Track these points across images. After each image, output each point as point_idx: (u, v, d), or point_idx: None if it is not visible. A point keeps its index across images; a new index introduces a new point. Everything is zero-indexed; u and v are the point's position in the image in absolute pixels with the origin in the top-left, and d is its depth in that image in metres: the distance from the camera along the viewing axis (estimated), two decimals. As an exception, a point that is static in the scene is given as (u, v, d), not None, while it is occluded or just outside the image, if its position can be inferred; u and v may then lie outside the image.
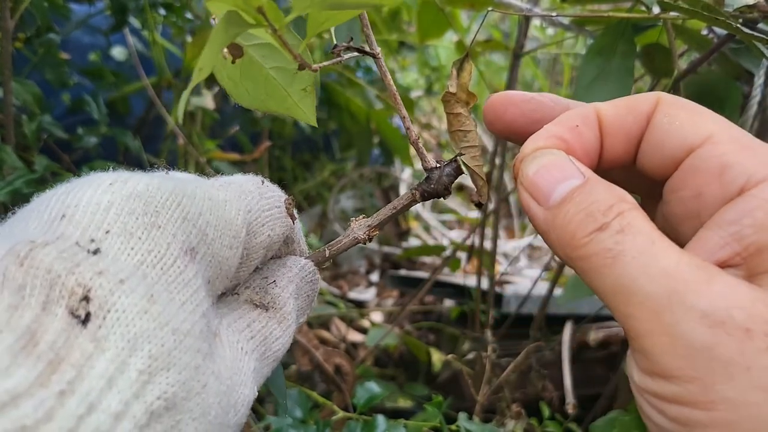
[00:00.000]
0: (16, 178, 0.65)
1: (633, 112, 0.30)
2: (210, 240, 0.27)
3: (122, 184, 0.25)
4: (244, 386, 0.28)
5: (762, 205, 0.26)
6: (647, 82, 0.95)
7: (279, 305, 0.32)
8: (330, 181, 1.56)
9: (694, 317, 0.23)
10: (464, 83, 0.35)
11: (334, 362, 0.74)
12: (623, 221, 0.26)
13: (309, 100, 0.36)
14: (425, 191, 0.34)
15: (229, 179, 0.31)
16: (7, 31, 0.63)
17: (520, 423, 0.70)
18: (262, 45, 0.34)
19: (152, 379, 0.22)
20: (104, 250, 0.23)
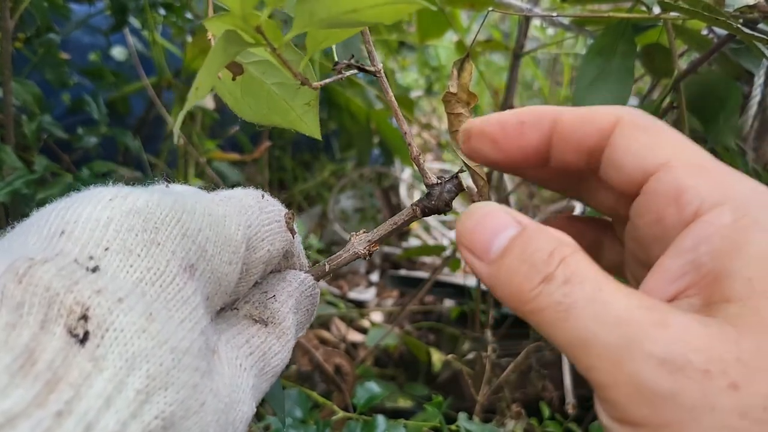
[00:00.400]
0: (15, 178, 0.65)
1: (588, 124, 0.30)
2: (209, 256, 0.27)
3: (122, 200, 0.25)
4: (243, 403, 0.28)
5: (717, 231, 0.26)
6: (647, 82, 0.95)
7: (278, 320, 0.32)
8: (330, 181, 1.56)
9: (653, 365, 0.23)
10: (465, 83, 0.35)
11: (334, 362, 0.74)
12: (567, 270, 0.26)
13: (312, 114, 0.37)
14: (426, 207, 0.35)
15: (229, 194, 0.31)
16: (7, 31, 0.63)
17: (520, 423, 0.70)
18: (261, 62, 0.35)
19: (150, 399, 0.22)
20: (103, 267, 0.23)
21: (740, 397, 0.22)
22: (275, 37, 0.28)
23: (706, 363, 0.23)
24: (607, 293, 0.25)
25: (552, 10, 0.88)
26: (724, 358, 0.23)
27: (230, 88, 0.35)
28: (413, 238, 1.59)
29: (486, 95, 1.81)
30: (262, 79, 0.35)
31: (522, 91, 2.40)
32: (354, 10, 0.26)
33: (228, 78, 0.34)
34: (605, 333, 0.24)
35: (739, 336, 0.23)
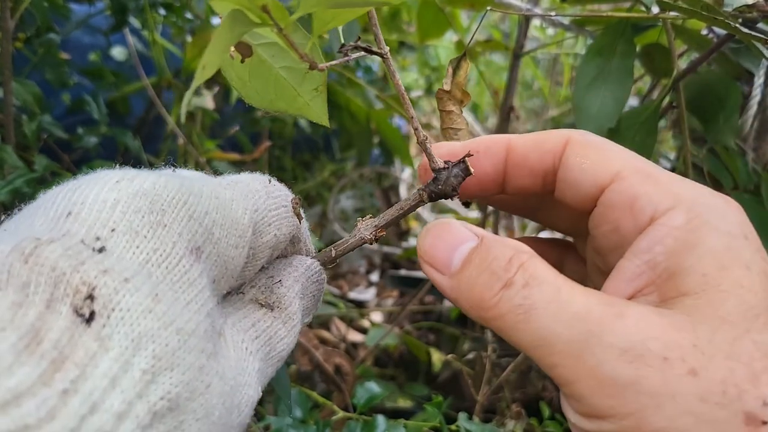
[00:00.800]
0: (16, 177, 0.65)
1: (539, 148, 0.32)
2: (216, 239, 0.27)
3: (129, 182, 0.25)
4: (248, 387, 0.28)
5: (670, 232, 0.27)
6: (647, 82, 0.95)
7: (284, 305, 0.32)
8: (330, 181, 1.56)
9: (613, 355, 0.24)
10: (460, 82, 0.35)
11: (334, 362, 0.74)
12: (526, 274, 0.27)
13: (320, 99, 0.36)
14: (433, 192, 0.34)
15: (235, 178, 0.31)
16: (7, 31, 0.63)
17: (520, 423, 0.70)
18: (270, 44, 0.34)
19: (156, 379, 0.22)
20: (109, 248, 0.23)
21: (699, 382, 0.23)
22: (282, 17, 0.27)
23: (664, 350, 0.24)
24: (565, 293, 0.26)
25: (552, 10, 0.88)
26: (682, 345, 0.24)
27: (238, 72, 0.35)
28: (413, 238, 1.59)
29: (486, 95, 1.81)
30: (271, 63, 0.35)
31: (522, 91, 2.40)
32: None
33: (237, 60, 0.33)
34: (565, 330, 0.25)
35: (695, 324, 0.24)
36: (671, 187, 0.28)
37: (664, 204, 0.28)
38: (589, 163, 0.30)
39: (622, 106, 0.58)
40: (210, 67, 0.27)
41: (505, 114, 0.85)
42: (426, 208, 1.75)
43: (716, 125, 0.61)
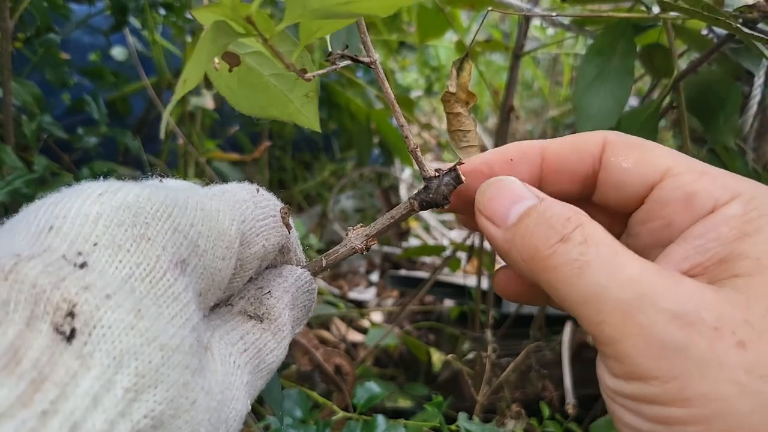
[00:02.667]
0: (15, 177, 0.64)
1: (577, 152, 0.32)
2: (202, 251, 0.27)
3: (112, 194, 0.25)
4: (236, 401, 0.27)
5: (727, 221, 0.27)
6: (647, 82, 0.95)
7: (274, 316, 0.31)
8: (330, 181, 1.56)
9: (666, 318, 0.24)
10: (464, 83, 0.35)
11: (334, 362, 0.74)
12: (584, 232, 0.27)
13: (311, 105, 0.36)
14: (424, 201, 0.34)
15: (222, 188, 0.31)
16: (7, 31, 0.63)
17: (520, 423, 0.70)
18: (258, 53, 0.34)
19: (139, 397, 0.21)
20: (91, 263, 0.23)
21: (747, 354, 0.24)
22: (266, 28, 0.27)
23: (716, 321, 0.24)
24: (621, 256, 0.26)
25: (552, 10, 0.88)
26: (734, 319, 0.24)
27: (227, 80, 0.35)
28: (413, 238, 1.58)
29: (486, 95, 1.81)
30: (260, 71, 0.34)
31: (522, 90, 2.40)
32: (347, 1, 0.25)
33: (225, 69, 0.33)
34: (618, 289, 0.25)
35: (749, 302, 0.25)
36: (727, 182, 0.29)
37: (723, 198, 0.28)
38: (633, 162, 0.30)
39: (622, 106, 0.58)
40: (192, 80, 0.27)
41: (505, 114, 0.85)
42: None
43: (716, 125, 0.61)
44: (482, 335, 0.85)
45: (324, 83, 1.20)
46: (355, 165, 1.59)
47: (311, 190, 1.52)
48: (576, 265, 0.26)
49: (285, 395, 0.58)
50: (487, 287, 0.94)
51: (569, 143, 0.32)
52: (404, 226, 1.56)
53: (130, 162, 1.01)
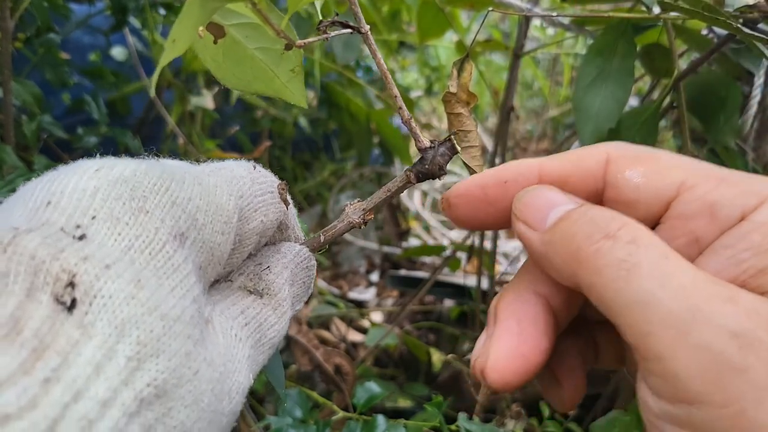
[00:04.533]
0: (15, 177, 0.64)
1: (578, 170, 0.29)
2: (200, 225, 0.27)
3: (108, 169, 0.25)
4: (239, 373, 0.28)
5: (758, 228, 0.25)
6: (647, 82, 0.95)
7: (273, 291, 0.31)
8: (330, 181, 1.56)
9: (724, 338, 0.22)
10: (465, 83, 0.35)
11: (334, 362, 0.74)
12: (631, 231, 0.25)
13: (297, 80, 0.35)
14: (420, 172, 0.33)
15: (219, 164, 0.31)
16: (7, 31, 0.63)
17: (520, 423, 0.70)
18: (244, 24, 0.33)
19: (141, 366, 0.21)
20: (90, 235, 0.23)
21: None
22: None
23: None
24: (673, 261, 0.24)
25: (552, 10, 0.88)
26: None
27: (212, 53, 0.34)
28: (413, 238, 1.59)
29: (486, 95, 1.81)
30: (245, 44, 0.34)
31: (522, 90, 2.40)
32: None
33: (210, 43, 0.32)
34: (670, 299, 0.23)
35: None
36: (751, 186, 0.26)
37: (749, 203, 0.26)
38: (642, 178, 0.28)
39: (622, 107, 0.58)
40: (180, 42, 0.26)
41: (505, 114, 0.85)
42: (425, 208, 1.75)
43: (717, 125, 0.61)
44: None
45: (324, 83, 1.20)
46: (355, 165, 1.59)
47: (311, 190, 1.52)
48: (624, 266, 0.24)
49: (285, 395, 0.58)
50: (487, 287, 0.94)
51: (568, 161, 0.30)
52: (404, 226, 1.56)
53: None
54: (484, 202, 0.30)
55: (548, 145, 2.31)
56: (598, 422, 0.66)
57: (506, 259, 1.49)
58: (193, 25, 0.27)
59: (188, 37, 0.27)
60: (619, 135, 0.59)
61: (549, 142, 2.32)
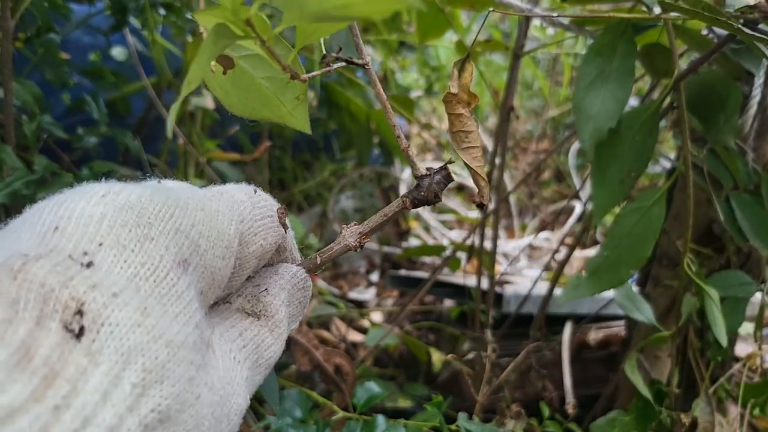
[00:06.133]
0: (14, 179, 0.64)
1: None
2: (202, 251, 0.27)
3: (115, 195, 0.25)
4: (237, 395, 0.28)
5: None
6: (647, 82, 0.95)
7: (271, 313, 0.32)
8: (330, 181, 1.56)
9: None
10: (466, 84, 0.35)
11: (334, 362, 0.74)
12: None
13: (302, 108, 0.37)
14: (416, 198, 0.35)
15: (221, 189, 0.31)
16: (7, 31, 0.63)
17: (519, 423, 0.70)
18: (251, 56, 0.35)
19: (146, 392, 0.22)
20: (97, 262, 0.23)
21: None
22: (264, 30, 0.28)
23: None
24: None
25: (552, 10, 0.88)
26: None
27: (221, 82, 0.35)
28: (413, 238, 1.59)
29: (486, 95, 1.81)
30: (253, 74, 0.35)
31: (522, 90, 2.40)
32: (345, 5, 0.26)
33: (219, 72, 0.34)
34: None
35: None
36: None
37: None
38: None
39: (622, 107, 0.58)
40: (195, 80, 0.27)
41: (505, 114, 0.85)
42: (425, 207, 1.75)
43: (716, 125, 0.61)
44: (482, 335, 0.85)
45: (324, 83, 1.20)
46: (355, 165, 1.59)
47: (311, 190, 1.52)
48: None
49: (285, 395, 0.58)
50: (486, 287, 0.94)
51: None
52: (404, 226, 1.56)
53: (130, 162, 1.01)
54: None
55: (548, 145, 2.31)
56: (598, 422, 0.66)
57: (506, 259, 1.49)
58: (207, 61, 0.28)
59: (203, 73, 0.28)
60: (619, 135, 0.59)
61: (549, 142, 2.32)
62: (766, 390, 0.69)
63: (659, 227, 0.59)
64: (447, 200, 1.79)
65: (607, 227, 1.34)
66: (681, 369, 0.72)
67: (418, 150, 2.23)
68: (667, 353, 0.72)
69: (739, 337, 0.84)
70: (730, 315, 0.62)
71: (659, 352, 0.74)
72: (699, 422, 0.63)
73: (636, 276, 0.83)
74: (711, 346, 0.67)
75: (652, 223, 0.59)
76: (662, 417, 0.65)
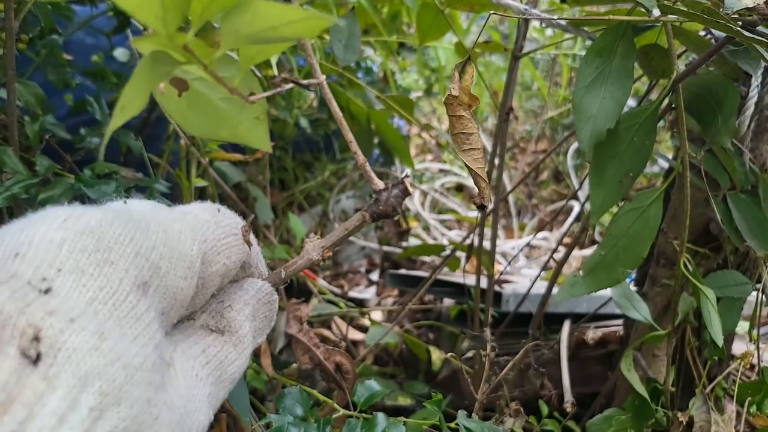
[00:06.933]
0: (14, 183, 0.64)
1: None
2: (164, 273, 0.28)
3: (75, 220, 0.25)
4: (199, 412, 0.29)
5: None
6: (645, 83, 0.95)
7: (235, 328, 0.32)
8: (330, 181, 1.56)
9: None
10: (466, 86, 0.36)
11: (335, 361, 0.75)
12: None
13: (262, 128, 0.36)
14: (374, 212, 0.35)
15: (184, 209, 0.32)
16: (10, 32, 0.63)
17: (518, 421, 0.70)
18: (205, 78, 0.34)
19: (103, 415, 0.22)
20: (56, 288, 0.23)
21: None
22: (205, 55, 0.28)
23: None
24: None
25: (551, 11, 0.88)
26: None
27: (177, 104, 0.35)
28: (413, 238, 1.59)
29: (485, 96, 1.81)
30: (209, 95, 0.35)
31: (521, 91, 2.41)
32: (273, 27, 0.26)
33: (173, 94, 0.33)
34: None
35: None
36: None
37: None
38: None
39: (621, 107, 0.58)
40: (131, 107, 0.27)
41: (504, 115, 0.86)
42: (425, 207, 1.75)
43: (714, 126, 0.61)
44: (481, 334, 0.85)
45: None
46: (355, 165, 1.60)
47: (312, 190, 1.52)
48: None
49: (286, 393, 0.59)
50: (486, 286, 0.94)
51: None
52: (404, 226, 1.56)
53: (132, 163, 1.01)
54: None
55: (547, 145, 2.31)
56: (595, 420, 0.67)
57: (505, 259, 1.49)
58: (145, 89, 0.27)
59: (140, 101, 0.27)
60: (617, 135, 0.59)
61: (547, 142, 2.33)
62: (762, 388, 0.70)
63: (656, 227, 0.60)
64: (447, 200, 1.79)
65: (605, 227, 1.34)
66: (678, 368, 0.72)
67: (417, 151, 2.23)
68: (665, 352, 0.72)
69: (737, 336, 0.84)
70: (726, 314, 0.63)
71: (657, 351, 0.74)
72: (696, 421, 0.64)
73: (633, 275, 0.83)
74: (708, 345, 0.67)
75: (650, 222, 0.60)
76: (659, 415, 0.66)
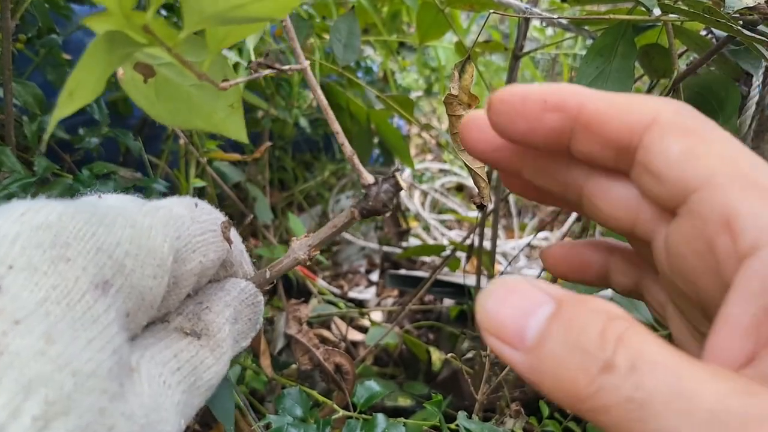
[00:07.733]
0: (11, 182, 0.64)
1: (620, 119, 0.26)
2: (129, 271, 0.26)
3: (33, 213, 0.24)
4: (165, 423, 0.27)
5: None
6: (645, 82, 0.95)
7: (212, 332, 0.31)
8: (330, 181, 1.56)
9: None
10: (466, 85, 0.35)
11: (335, 361, 0.74)
12: (629, 352, 0.20)
13: (237, 115, 0.34)
14: (364, 208, 0.33)
15: (158, 203, 0.30)
16: (8, 32, 0.63)
17: (519, 422, 0.70)
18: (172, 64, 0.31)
19: (49, 425, 0.21)
20: (5, 286, 0.22)
21: None
22: (168, 36, 0.25)
23: None
24: (688, 379, 0.19)
25: (552, 10, 0.88)
26: None
27: (144, 92, 0.32)
28: (413, 238, 1.59)
29: (485, 95, 1.81)
30: (178, 81, 0.32)
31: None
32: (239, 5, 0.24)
33: (139, 81, 0.31)
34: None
35: None
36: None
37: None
38: (675, 153, 0.23)
39: (621, 107, 0.58)
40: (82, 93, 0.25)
41: (505, 114, 0.86)
42: (425, 207, 1.75)
43: (715, 126, 0.61)
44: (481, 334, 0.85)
45: (324, 83, 1.20)
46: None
47: (312, 190, 1.52)
48: (633, 405, 0.19)
49: (285, 394, 0.58)
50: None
51: (614, 107, 0.26)
52: (404, 226, 1.56)
53: (131, 163, 1.01)
54: (519, 115, 0.28)
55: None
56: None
57: (505, 259, 1.49)
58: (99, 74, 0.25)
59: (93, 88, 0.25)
60: (618, 135, 0.59)
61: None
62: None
63: (658, 227, 0.59)
64: (447, 200, 1.79)
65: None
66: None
67: (417, 150, 2.23)
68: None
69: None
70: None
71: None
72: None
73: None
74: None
75: (651, 223, 0.60)
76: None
